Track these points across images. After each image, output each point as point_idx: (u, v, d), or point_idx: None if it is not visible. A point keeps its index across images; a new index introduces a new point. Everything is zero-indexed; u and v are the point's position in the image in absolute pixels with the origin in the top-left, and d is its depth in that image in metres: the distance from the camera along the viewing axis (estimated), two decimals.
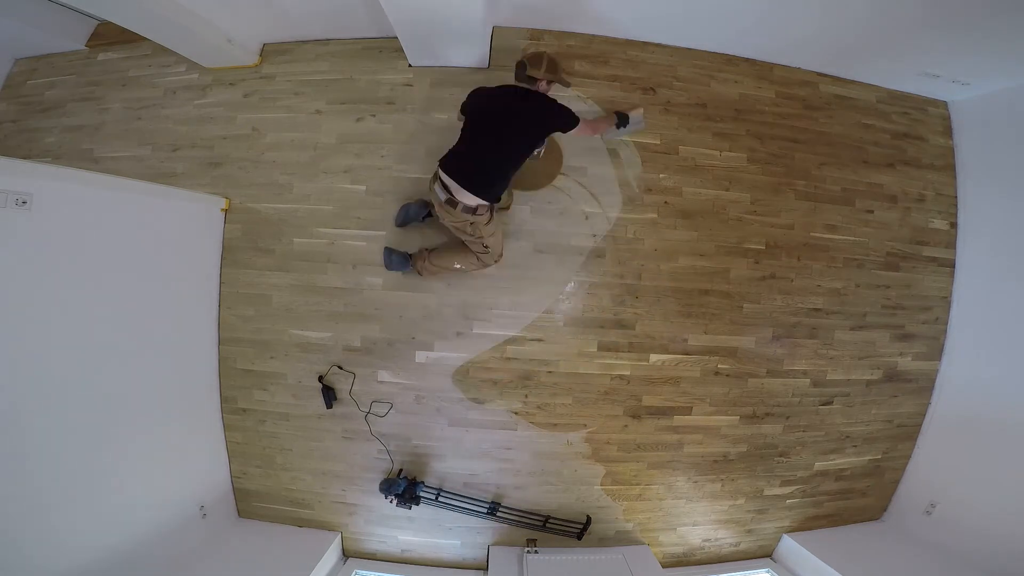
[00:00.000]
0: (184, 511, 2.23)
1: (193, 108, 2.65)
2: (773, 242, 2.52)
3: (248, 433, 2.52)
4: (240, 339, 2.49)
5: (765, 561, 2.63)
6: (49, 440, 1.61)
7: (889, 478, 2.74)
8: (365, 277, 2.43)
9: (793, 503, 2.66)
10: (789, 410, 2.58)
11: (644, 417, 2.49)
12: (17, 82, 2.97)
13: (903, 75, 2.57)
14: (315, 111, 2.52)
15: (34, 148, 2.80)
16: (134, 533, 1.94)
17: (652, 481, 2.54)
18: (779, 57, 2.56)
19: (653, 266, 2.45)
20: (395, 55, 2.47)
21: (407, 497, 2.29)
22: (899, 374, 2.66)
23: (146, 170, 2.61)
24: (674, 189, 2.48)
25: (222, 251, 2.49)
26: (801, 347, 2.56)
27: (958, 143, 2.69)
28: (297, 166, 2.49)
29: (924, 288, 2.66)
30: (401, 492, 2.28)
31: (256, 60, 2.61)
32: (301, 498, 2.55)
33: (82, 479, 1.72)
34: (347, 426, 2.47)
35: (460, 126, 1.98)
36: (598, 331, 2.44)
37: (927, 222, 2.66)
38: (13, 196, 1.44)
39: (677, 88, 2.52)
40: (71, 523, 1.68)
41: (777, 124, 2.57)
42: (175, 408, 2.22)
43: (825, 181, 2.58)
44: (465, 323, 2.42)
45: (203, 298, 2.42)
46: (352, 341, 2.44)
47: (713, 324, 2.48)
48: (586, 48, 2.50)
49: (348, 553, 2.57)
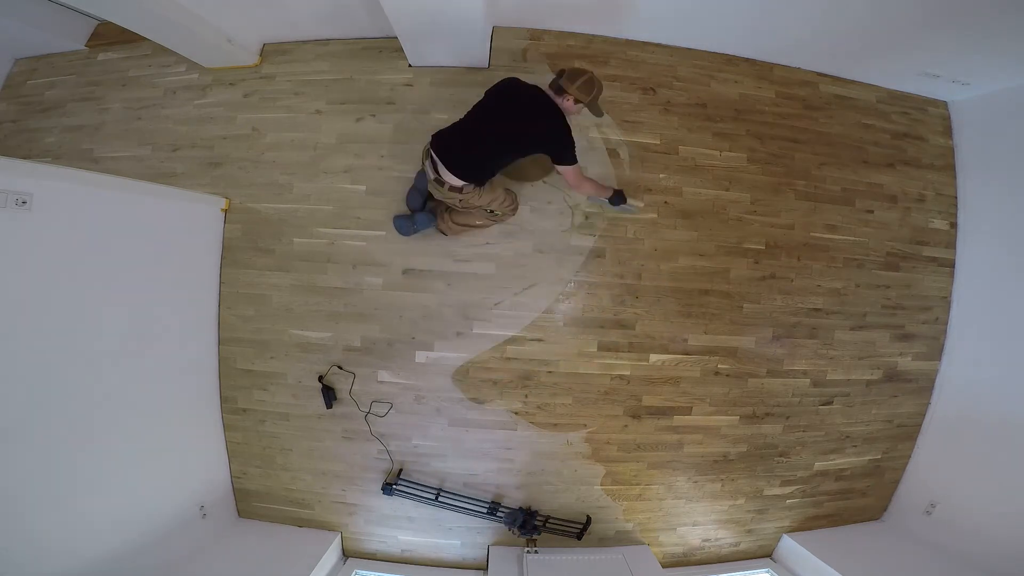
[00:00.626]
0: (184, 511, 2.22)
1: (193, 108, 2.65)
2: (773, 242, 2.52)
3: (248, 433, 2.52)
4: (240, 339, 2.49)
5: (765, 561, 2.63)
6: (48, 440, 1.61)
7: (889, 478, 2.74)
8: (365, 277, 2.43)
9: (793, 503, 2.66)
10: (789, 410, 2.58)
11: (644, 417, 2.49)
12: (17, 82, 2.96)
13: (903, 75, 2.57)
14: (315, 111, 2.52)
15: (34, 148, 2.80)
16: (134, 533, 1.93)
17: (652, 481, 2.54)
18: (779, 57, 2.56)
19: (653, 266, 2.45)
20: (395, 55, 2.47)
21: (527, 528, 2.34)
22: (899, 374, 2.66)
23: (146, 170, 2.61)
24: (674, 189, 2.48)
25: (222, 251, 2.49)
26: (801, 347, 2.56)
27: (958, 143, 2.69)
28: (297, 166, 2.49)
29: (924, 288, 2.66)
30: (522, 524, 2.33)
31: (256, 60, 2.61)
32: (301, 498, 2.55)
33: (81, 479, 1.72)
34: (347, 426, 2.47)
35: None
36: (598, 331, 2.44)
37: (927, 222, 2.66)
38: (13, 196, 1.44)
39: (677, 88, 2.52)
40: (70, 524, 1.68)
41: (777, 124, 2.57)
42: (175, 408, 2.22)
43: (825, 181, 2.58)
44: (465, 323, 2.42)
45: (203, 298, 2.42)
46: (352, 341, 2.44)
47: (713, 324, 2.49)
48: (586, 48, 2.50)
49: (348, 553, 2.57)
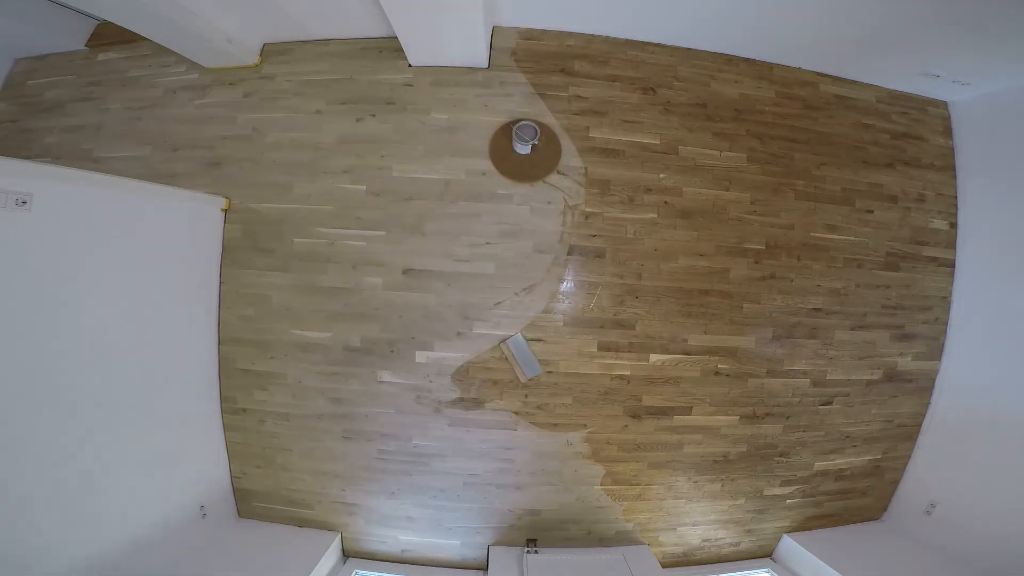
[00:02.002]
0: (184, 511, 2.23)
1: (193, 108, 2.65)
2: (773, 242, 2.52)
3: (248, 433, 2.52)
4: (240, 339, 2.49)
5: (765, 561, 2.63)
6: (48, 440, 1.61)
7: (889, 478, 2.74)
8: (365, 277, 2.42)
9: (793, 503, 2.66)
10: (789, 410, 2.58)
11: (644, 417, 2.49)
12: (17, 82, 2.96)
13: (903, 75, 2.57)
14: (315, 111, 2.52)
15: (34, 148, 2.80)
16: (134, 533, 1.94)
17: (652, 481, 2.54)
18: (779, 57, 2.56)
19: (653, 266, 2.45)
20: (395, 55, 2.47)
21: None
22: (899, 374, 2.66)
23: (146, 170, 2.61)
24: (674, 189, 2.47)
25: (222, 251, 2.49)
26: (801, 347, 2.56)
27: (958, 143, 2.69)
28: (297, 166, 2.49)
29: (924, 288, 2.66)
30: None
31: (256, 60, 2.61)
32: (301, 498, 2.55)
33: (81, 480, 1.72)
34: (347, 426, 2.47)
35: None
36: (598, 331, 2.44)
37: (927, 222, 2.66)
38: (13, 196, 1.44)
39: (677, 88, 2.52)
40: (70, 524, 1.68)
41: (777, 124, 2.57)
42: (175, 408, 2.22)
43: (825, 181, 2.58)
44: (465, 323, 2.42)
45: (203, 298, 2.42)
46: (352, 341, 2.44)
47: (713, 324, 2.48)
48: (586, 48, 2.50)
49: (348, 553, 2.57)
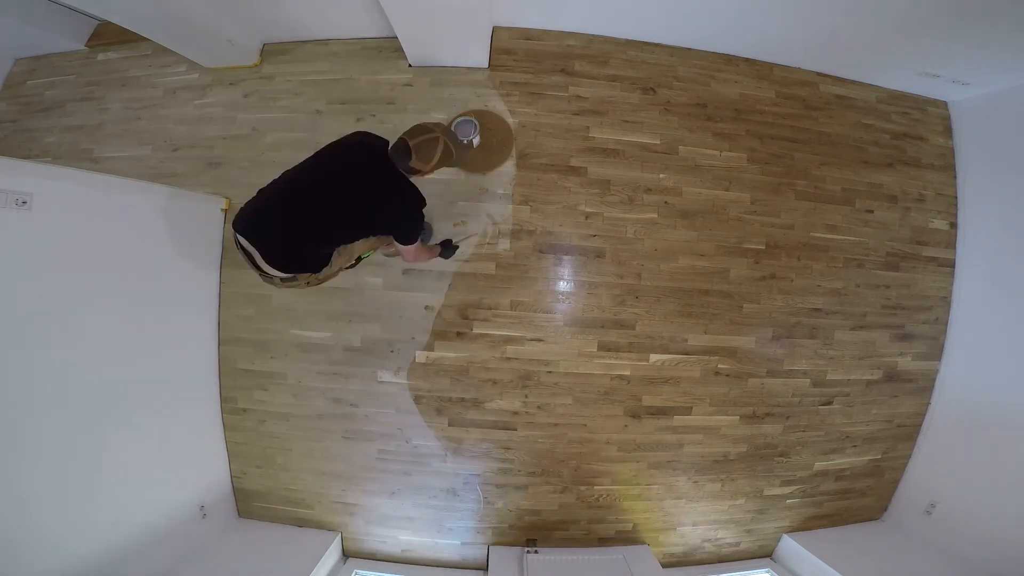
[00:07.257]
0: (184, 511, 2.22)
1: (193, 108, 2.65)
2: (773, 242, 2.52)
3: (248, 433, 2.52)
4: (240, 339, 2.49)
5: (765, 561, 2.63)
6: (48, 441, 1.61)
7: (889, 478, 2.74)
8: (365, 277, 2.42)
9: (793, 503, 2.66)
10: (789, 410, 2.58)
11: (644, 417, 2.49)
12: (17, 82, 2.96)
13: (903, 75, 2.57)
14: (315, 111, 2.52)
15: (34, 148, 2.80)
16: (134, 533, 1.93)
17: (652, 481, 2.54)
18: (779, 57, 2.56)
19: (653, 266, 2.45)
20: (395, 55, 2.47)
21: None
22: (899, 374, 2.66)
23: (146, 170, 2.60)
24: (674, 189, 2.47)
25: (222, 251, 2.49)
26: (801, 347, 2.56)
27: (958, 143, 2.69)
28: None
29: (924, 288, 2.66)
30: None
31: (256, 60, 2.61)
32: (301, 498, 2.55)
33: (81, 480, 1.72)
34: (347, 426, 2.47)
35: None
36: (598, 331, 2.44)
37: (927, 222, 2.66)
38: (13, 196, 1.44)
39: (677, 88, 2.52)
40: (70, 524, 1.68)
41: (777, 124, 2.57)
42: (175, 408, 2.21)
43: (825, 181, 2.58)
44: (465, 323, 2.41)
45: (203, 298, 2.42)
46: (352, 341, 2.44)
47: (713, 324, 2.48)
48: (586, 48, 2.50)
49: (348, 553, 2.57)
